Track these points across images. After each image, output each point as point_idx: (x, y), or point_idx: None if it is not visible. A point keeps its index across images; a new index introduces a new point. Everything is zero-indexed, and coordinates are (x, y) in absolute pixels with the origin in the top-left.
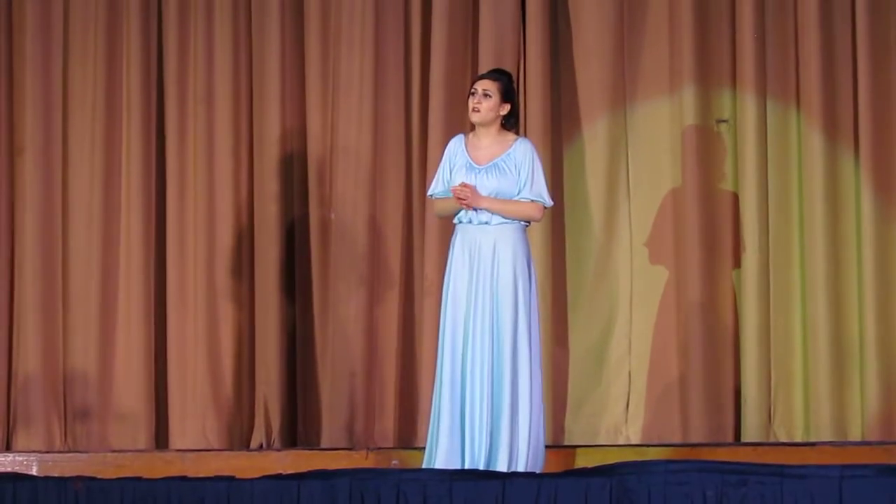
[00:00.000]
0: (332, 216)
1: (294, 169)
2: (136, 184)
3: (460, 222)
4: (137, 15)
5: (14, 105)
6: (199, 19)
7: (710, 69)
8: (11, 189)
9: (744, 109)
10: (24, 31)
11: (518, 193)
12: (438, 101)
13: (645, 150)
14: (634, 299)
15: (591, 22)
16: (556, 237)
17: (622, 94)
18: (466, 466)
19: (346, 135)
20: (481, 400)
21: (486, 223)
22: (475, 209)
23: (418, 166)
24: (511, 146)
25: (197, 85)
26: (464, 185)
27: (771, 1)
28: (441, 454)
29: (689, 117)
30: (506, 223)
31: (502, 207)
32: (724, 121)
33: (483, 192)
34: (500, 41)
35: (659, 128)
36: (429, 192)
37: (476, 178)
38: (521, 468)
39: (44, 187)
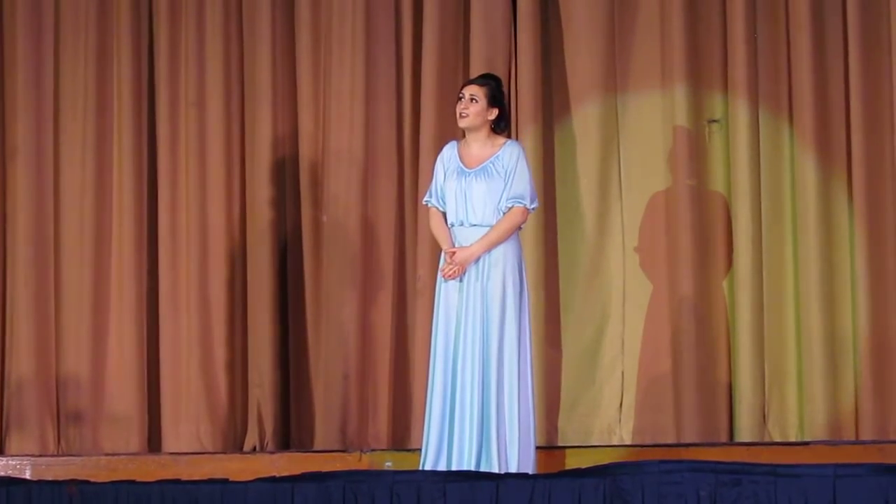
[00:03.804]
0: (325, 218)
1: (286, 171)
2: (128, 186)
3: (452, 226)
4: (128, 18)
5: (5, 109)
6: (189, 23)
7: (702, 68)
8: (3, 192)
9: (735, 110)
10: (16, 35)
11: (501, 200)
12: (430, 102)
13: (637, 150)
14: (627, 299)
15: (583, 21)
16: (548, 237)
17: (613, 94)
18: (455, 468)
19: (339, 137)
20: (471, 403)
21: (477, 225)
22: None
23: (410, 168)
24: (500, 149)
25: (188, 88)
26: (448, 261)
27: (762, 2)
28: (430, 457)
29: (681, 117)
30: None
31: (491, 240)
32: (715, 121)
33: (473, 195)
34: (491, 42)
35: (651, 127)
36: (424, 200)
37: (466, 181)
38: (511, 470)
39: (35, 191)
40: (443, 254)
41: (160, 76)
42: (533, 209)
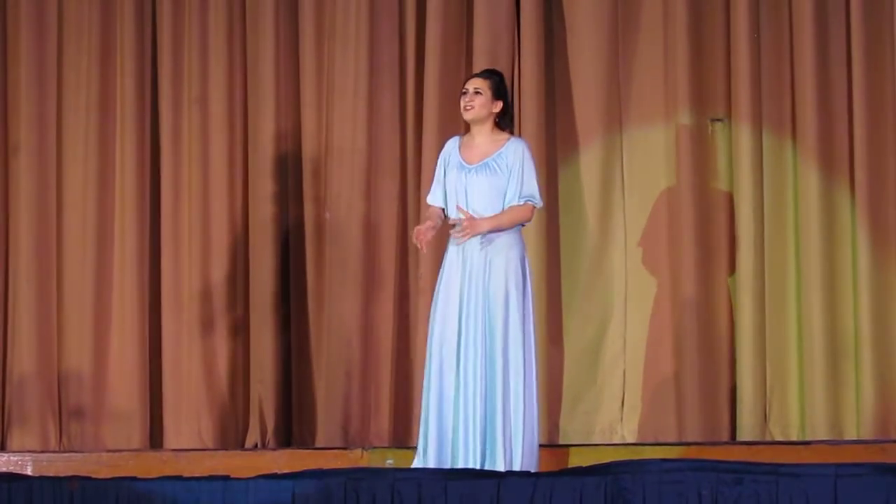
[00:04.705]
0: (327, 216)
1: (289, 169)
2: (131, 183)
3: (454, 226)
4: (131, 15)
5: (9, 105)
6: (193, 20)
7: (705, 72)
8: (6, 189)
9: (737, 112)
10: (19, 32)
11: (507, 196)
12: (433, 100)
13: (640, 151)
14: (629, 298)
15: (586, 20)
16: (550, 237)
17: (617, 96)
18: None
19: (341, 135)
20: (475, 402)
21: None
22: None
23: (413, 166)
24: (503, 145)
25: (191, 85)
26: (461, 219)
27: (765, 16)
28: (431, 459)
29: (684, 118)
30: None
31: (500, 223)
32: (718, 120)
33: (473, 191)
34: (494, 41)
35: (654, 129)
36: (428, 199)
37: (466, 177)
38: (516, 469)
39: (38, 188)
40: (445, 253)
41: (163, 72)
42: (539, 207)
